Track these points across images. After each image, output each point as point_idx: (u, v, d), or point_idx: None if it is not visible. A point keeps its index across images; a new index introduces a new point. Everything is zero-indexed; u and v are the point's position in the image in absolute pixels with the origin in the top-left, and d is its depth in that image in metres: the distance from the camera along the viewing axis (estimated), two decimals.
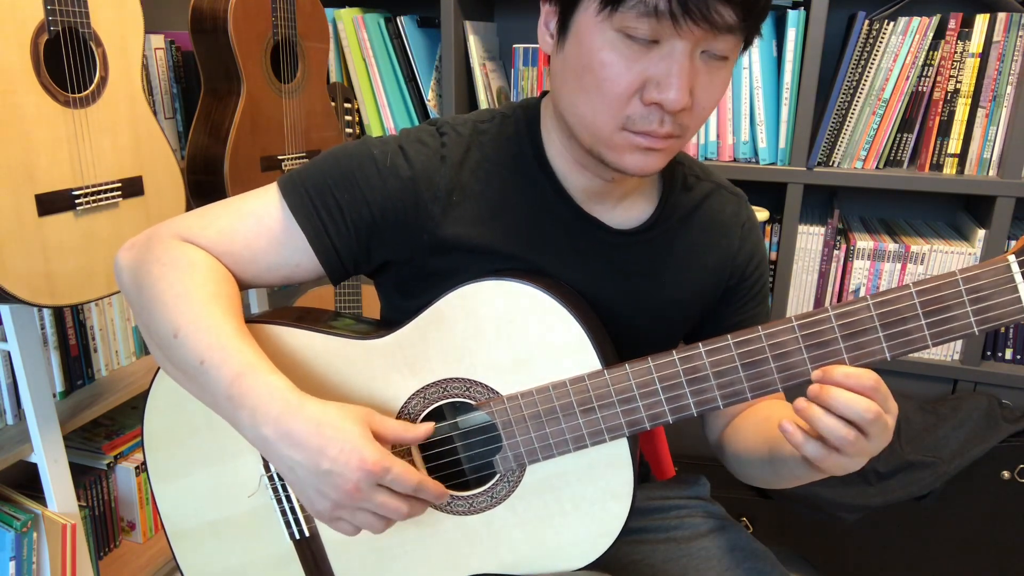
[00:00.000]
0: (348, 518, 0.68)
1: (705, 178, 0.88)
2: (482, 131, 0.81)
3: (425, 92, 1.85)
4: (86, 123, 1.21)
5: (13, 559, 1.32)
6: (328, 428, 0.65)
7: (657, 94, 0.65)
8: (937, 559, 1.53)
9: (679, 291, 0.84)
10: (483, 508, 0.79)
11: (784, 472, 0.77)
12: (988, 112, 1.47)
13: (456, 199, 0.78)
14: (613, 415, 0.72)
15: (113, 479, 1.64)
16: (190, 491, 0.85)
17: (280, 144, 1.60)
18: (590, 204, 0.81)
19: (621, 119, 0.68)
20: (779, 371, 0.68)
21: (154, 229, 0.79)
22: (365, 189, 0.77)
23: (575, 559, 0.78)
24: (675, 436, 1.23)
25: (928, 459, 1.43)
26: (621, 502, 0.76)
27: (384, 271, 0.84)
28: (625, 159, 0.71)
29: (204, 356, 0.69)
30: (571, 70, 0.69)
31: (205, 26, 1.46)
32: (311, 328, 0.79)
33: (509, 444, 0.76)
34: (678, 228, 0.84)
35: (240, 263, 0.78)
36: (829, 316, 0.65)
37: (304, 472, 0.66)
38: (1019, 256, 0.62)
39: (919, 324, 0.64)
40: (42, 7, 1.12)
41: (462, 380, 0.76)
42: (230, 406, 0.68)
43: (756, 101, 1.59)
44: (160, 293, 0.73)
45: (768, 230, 1.69)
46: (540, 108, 0.82)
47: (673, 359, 0.70)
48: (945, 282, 0.63)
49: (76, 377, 1.52)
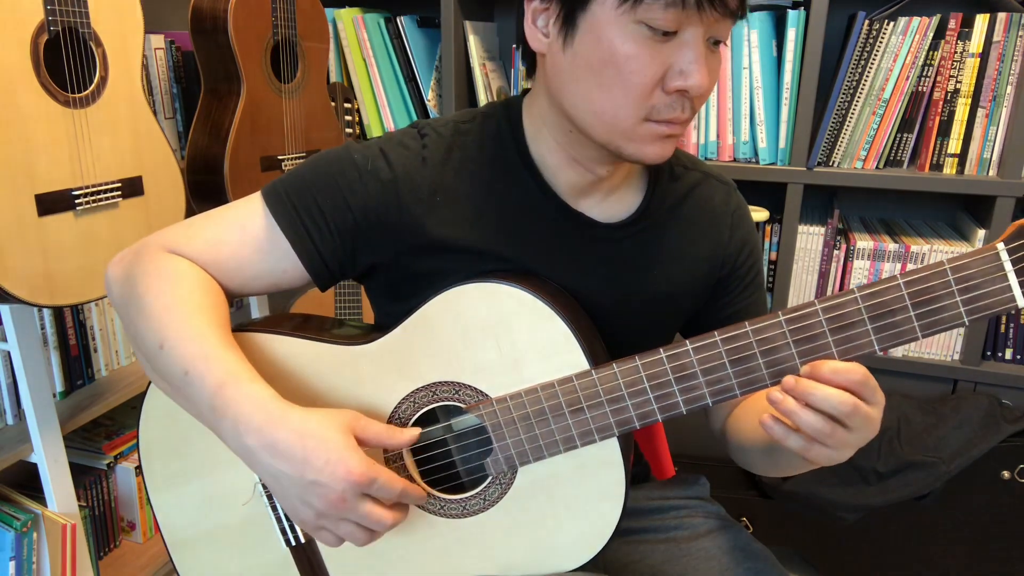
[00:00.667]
0: (332, 528, 0.68)
1: (693, 167, 0.88)
2: (463, 131, 0.81)
3: (425, 92, 1.85)
4: (86, 123, 1.21)
5: (13, 559, 1.32)
6: (312, 439, 0.65)
7: (682, 81, 0.67)
8: (937, 559, 1.53)
9: (671, 283, 0.84)
10: (476, 511, 0.79)
11: (782, 462, 0.78)
12: (988, 112, 1.47)
13: (440, 200, 0.78)
14: (602, 415, 0.72)
15: (113, 479, 1.64)
16: (187, 500, 0.85)
17: (280, 144, 1.60)
18: (576, 200, 0.81)
19: (645, 110, 0.69)
20: (767, 367, 0.67)
21: (142, 242, 0.79)
22: (347, 193, 0.77)
23: (569, 560, 0.78)
24: (675, 436, 1.23)
25: (928, 459, 1.43)
26: (613, 502, 0.76)
27: (371, 275, 0.84)
28: (646, 149, 0.71)
29: (188, 367, 0.69)
30: (585, 66, 0.69)
31: (205, 26, 1.47)
32: (299, 335, 0.79)
33: (499, 446, 0.75)
34: (667, 219, 0.84)
35: (227, 273, 0.78)
36: (816, 310, 0.65)
37: (289, 482, 0.65)
38: (1008, 244, 0.61)
39: (908, 316, 0.63)
40: (42, 7, 1.12)
41: (451, 383, 0.76)
42: (213, 416, 0.68)
43: (756, 101, 1.59)
44: (146, 305, 0.73)
45: (768, 230, 1.69)
46: (522, 107, 0.81)
47: (660, 357, 0.69)
48: (933, 272, 0.62)
49: (76, 377, 1.52)
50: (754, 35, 1.55)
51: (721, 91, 1.61)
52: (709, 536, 0.90)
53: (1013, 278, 0.61)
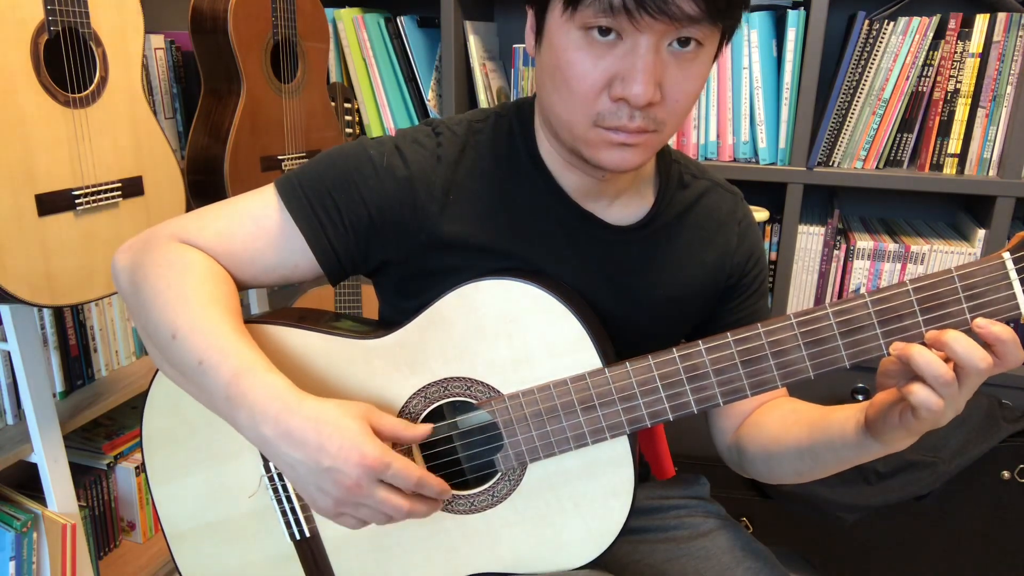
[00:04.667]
0: (352, 513, 0.68)
1: (701, 176, 0.88)
2: (477, 131, 0.82)
3: (425, 92, 1.85)
4: (86, 123, 1.21)
5: (13, 559, 1.32)
6: (327, 425, 0.65)
7: (622, 89, 0.66)
8: (937, 559, 1.53)
9: (677, 288, 0.84)
10: (484, 507, 0.79)
11: (827, 457, 0.76)
12: (988, 112, 1.47)
13: (453, 198, 0.79)
14: (614, 413, 0.73)
15: (113, 479, 1.64)
16: (189, 493, 0.85)
17: (280, 144, 1.60)
18: (586, 202, 0.81)
19: (592, 115, 0.69)
20: (778, 368, 0.68)
21: (151, 231, 0.79)
22: (363, 189, 0.77)
23: (575, 558, 0.79)
24: (675, 436, 1.23)
25: (928, 459, 1.43)
26: (621, 499, 0.76)
27: (382, 271, 0.84)
28: (601, 155, 0.71)
29: (202, 356, 0.69)
30: (546, 71, 0.71)
31: (205, 26, 1.46)
32: (311, 328, 0.79)
33: (510, 442, 0.76)
34: (675, 225, 0.85)
35: (238, 264, 0.78)
36: (827, 313, 0.66)
37: (305, 470, 0.66)
38: (1014, 253, 0.62)
39: (916, 321, 0.64)
40: (42, 7, 1.12)
41: (463, 379, 0.76)
42: (229, 406, 0.68)
43: (756, 101, 1.59)
44: (158, 294, 0.73)
45: (768, 230, 1.69)
46: (533, 108, 0.82)
47: (673, 357, 0.70)
48: (941, 279, 0.63)
49: (76, 377, 1.52)
50: (754, 35, 1.55)
51: (721, 91, 1.61)
52: (709, 536, 0.90)
53: (1018, 287, 0.62)
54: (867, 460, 0.73)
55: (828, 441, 0.75)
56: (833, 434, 0.74)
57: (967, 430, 1.45)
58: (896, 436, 0.67)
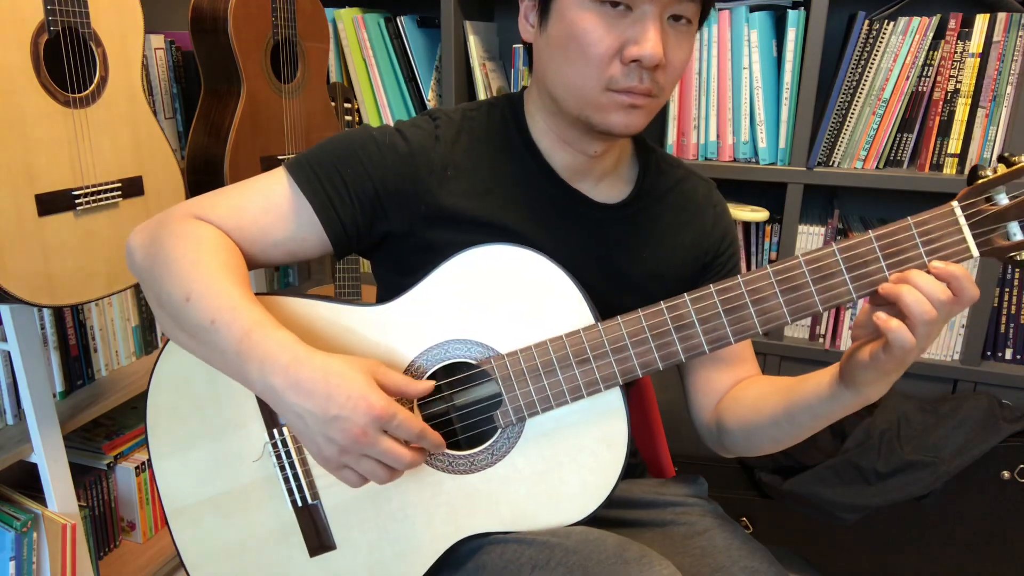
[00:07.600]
0: (353, 465, 0.72)
1: (677, 165, 0.97)
2: (471, 117, 0.90)
3: (425, 92, 1.85)
4: (86, 123, 1.21)
5: (13, 559, 1.32)
6: (335, 376, 0.69)
7: (636, 51, 0.74)
8: (937, 559, 1.53)
9: (659, 265, 0.91)
10: (484, 465, 0.82)
11: (803, 418, 0.81)
12: (988, 112, 1.47)
13: (451, 174, 0.85)
14: (607, 364, 0.77)
15: (113, 479, 1.64)
16: (191, 466, 0.86)
17: (280, 144, 1.60)
18: (574, 180, 0.89)
19: (605, 79, 0.77)
20: (758, 315, 0.74)
21: (165, 212, 0.84)
22: (367, 164, 0.84)
23: (575, 511, 0.81)
24: (675, 436, 1.23)
25: (928, 459, 1.43)
26: (616, 449, 0.80)
27: (383, 246, 0.89)
28: (611, 118, 0.79)
29: (215, 316, 0.73)
30: (556, 45, 0.79)
31: (205, 26, 1.47)
32: (315, 297, 0.83)
33: (509, 398, 0.80)
34: (656, 206, 0.92)
35: (248, 238, 0.83)
36: (800, 262, 0.72)
37: (312, 419, 0.69)
38: (962, 202, 0.70)
39: (879, 266, 0.71)
40: (42, 7, 1.12)
41: (463, 341, 0.81)
42: (239, 361, 0.72)
43: (756, 101, 1.59)
44: (173, 261, 0.77)
45: (768, 230, 1.69)
46: (523, 97, 0.90)
47: (661, 308, 0.76)
48: (899, 227, 0.71)
49: (76, 377, 1.52)
50: (754, 35, 1.55)
51: (721, 91, 1.61)
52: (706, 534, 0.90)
53: (967, 232, 0.70)
54: (840, 415, 0.78)
55: (803, 400, 0.80)
56: (808, 392, 0.79)
57: (967, 430, 1.45)
58: (867, 378, 0.72)
